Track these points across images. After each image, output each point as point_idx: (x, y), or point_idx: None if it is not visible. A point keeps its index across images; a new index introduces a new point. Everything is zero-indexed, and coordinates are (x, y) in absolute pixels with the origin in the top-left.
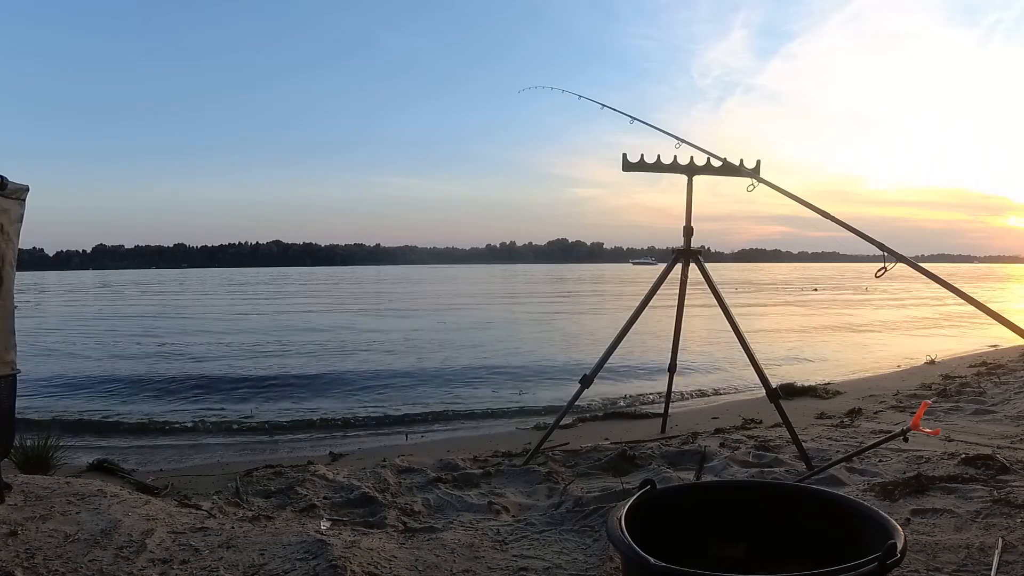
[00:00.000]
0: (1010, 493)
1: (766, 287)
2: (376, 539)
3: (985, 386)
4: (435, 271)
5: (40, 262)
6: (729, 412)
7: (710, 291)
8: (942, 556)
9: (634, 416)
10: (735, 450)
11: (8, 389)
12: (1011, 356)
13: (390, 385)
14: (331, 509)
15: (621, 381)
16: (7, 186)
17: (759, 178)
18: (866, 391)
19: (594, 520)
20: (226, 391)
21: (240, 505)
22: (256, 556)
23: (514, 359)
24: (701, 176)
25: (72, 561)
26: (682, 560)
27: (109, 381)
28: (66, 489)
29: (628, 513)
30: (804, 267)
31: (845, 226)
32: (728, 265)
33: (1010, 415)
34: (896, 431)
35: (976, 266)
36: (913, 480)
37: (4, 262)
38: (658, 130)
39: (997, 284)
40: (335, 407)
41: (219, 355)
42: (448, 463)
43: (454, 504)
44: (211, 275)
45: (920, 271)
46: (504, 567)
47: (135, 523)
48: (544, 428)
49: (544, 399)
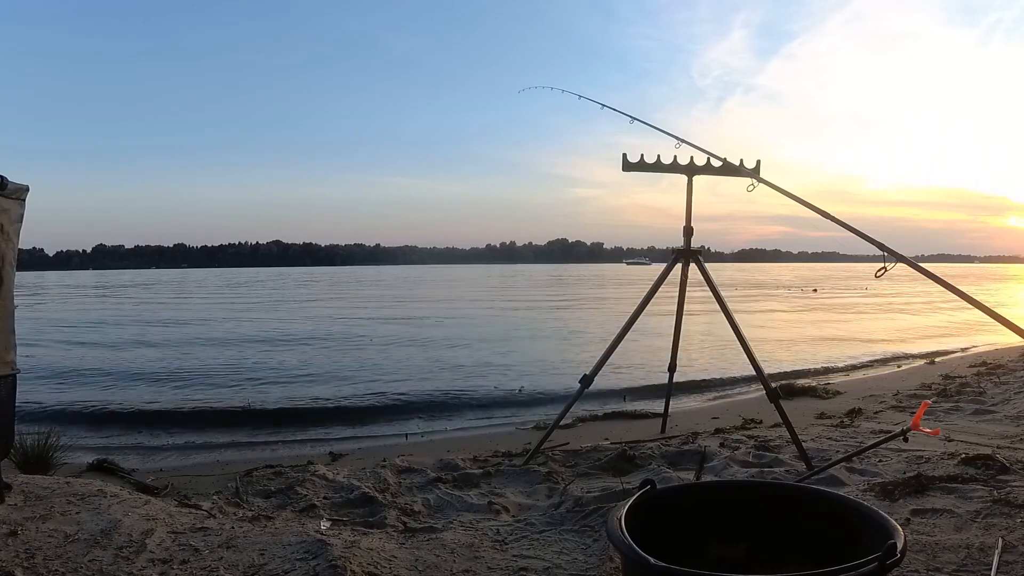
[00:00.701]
0: (1010, 493)
1: (766, 287)
2: (376, 539)
3: (985, 386)
4: (435, 271)
5: (40, 262)
6: (729, 412)
7: (710, 291)
8: (942, 556)
9: (634, 416)
10: (735, 450)
11: (8, 389)
12: (1011, 356)
13: (390, 385)
14: (331, 509)
15: (621, 381)
16: (7, 186)
17: (759, 178)
18: (866, 391)
19: (594, 520)
20: (226, 391)
21: (240, 505)
22: (256, 556)
23: (514, 359)
24: (701, 176)
25: (72, 561)
26: (682, 560)
27: (110, 381)
28: (66, 489)
29: (628, 513)
30: (804, 267)
31: (845, 226)
32: (728, 265)
33: (1010, 415)
34: (896, 431)
35: (980, 266)
36: (913, 480)
37: (4, 262)
38: (658, 130)
39: (1000, 284)
40: (334, 407)
41: (219, 354)
42: (448, 463)
43: (454, 504)
44: (211, 275)
45: (920, 271)
46: (504, 567)
47: (135, 523)
48: (544, 428)
49: (544, 399)
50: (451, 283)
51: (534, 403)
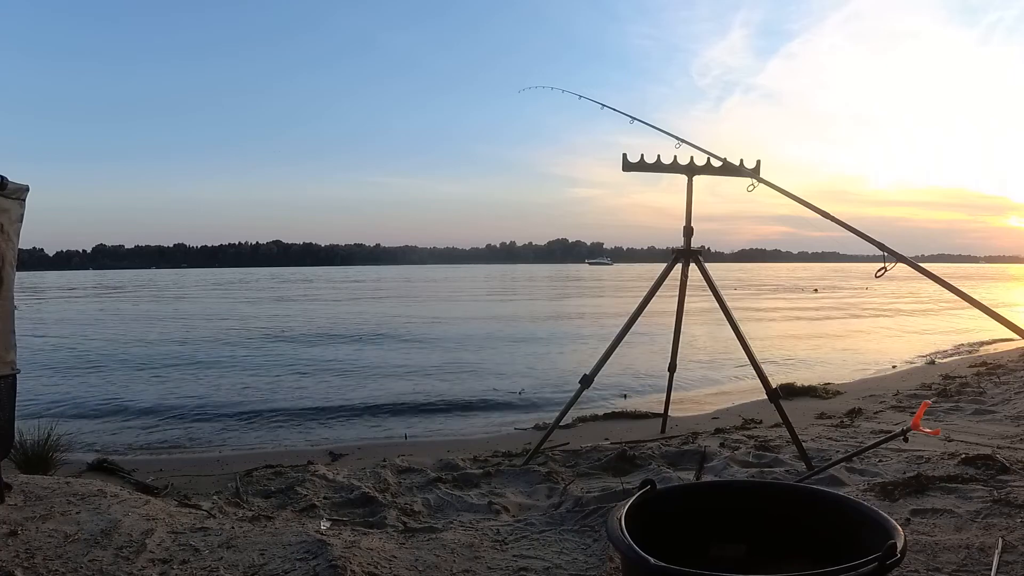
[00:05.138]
0: (1010, 493)
1: (766, 287)
2: (376, 539)
3: (985, 386)
4: (434, 271)
5: (40, 262)
6: (729, 412)
7: (710, 291)
8: (942, 556)
9: (634, 416)
10: (735, 450)
11: (8, 389)
12: (1011, 356)
13: (390, 384)
14: (331, 509)
15: (621, 381)
16: (7, 186)
17: (759, 178)
18: (866, 391)
19: (594, 520)
20: (226, 391)
21: (240, 505)
22: (256, 556)
23: (513, 358)
24: (701, 176)
25: (72, 561)
26: (682, 560)
27: (110, 381)
28: (66, 489)
29: (628, 513)
30: (804, 267)
31: (845, 226)
32: (728, 265)
33: (1010, 415)
34: (896, 431)
35: (983, 266)
36: (913, 480)
37: (4, 262)
38: (658, 130)
39: (1002, 284)
40: (335, 406)
41: (219, 354)
42: (448, 463)
43: (454, 504)
44: (211, 275)
45: (920, 271)
46: (504, 567)
47: (135, 523)
48: (544, 428)
49: (544, 399)
50: (452, 283)
51: (534, 403)
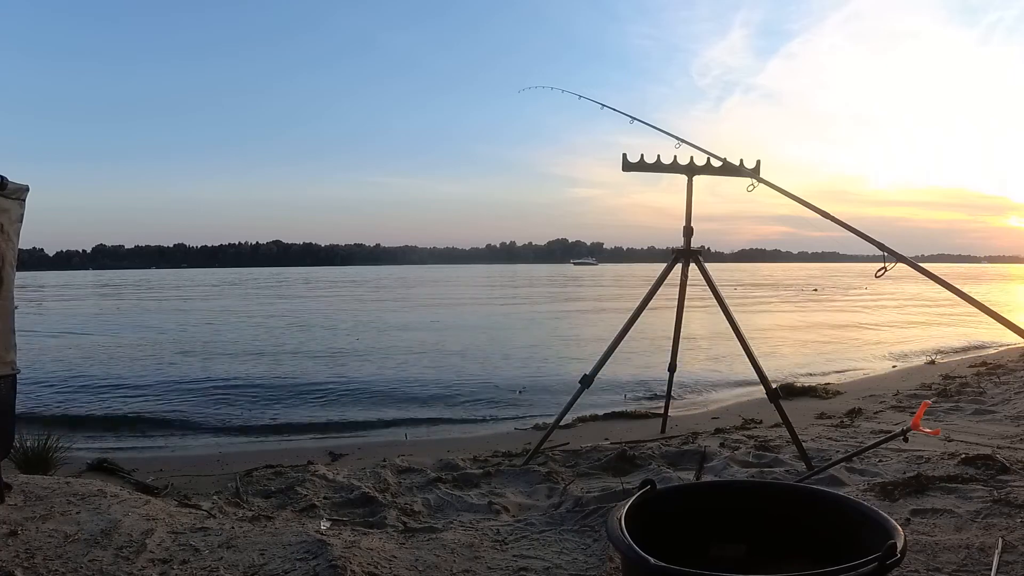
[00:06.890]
0: (1010, 493)
1: (766, 287)
2: (376, 539)
3: (985, 386)
4: (434, 271)
5: (40, 262)
6: (729, 412)
7: (710, 291)
8: (942, 556)
9: (634, 416)
10: (735, 450)
11: (8, 389)
12: (1011, 356)
13: (389, 384)
14: (331, 509)
15: (621, 381)
16: (7, 186)
17: (759, 178)
18: (866, 391)
19: (594, 520)
20: (226, 390)
21: (240, 505)
22: (256, 556)
23: (512, 359)
24: (701, 176)
25: (72, 561)
26: (682, 560)
27: (110, 381)
28: (66, 489)
29: (628, 513)
30: (804, 267)
31: (845, 226)
32: (728, 265)
33: (1010, 415)
34: (896, 431)
35: (985, 266)
36: (913, 480)
37: (4, 262)
38: (658, 130)
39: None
40: (335, 405)
41: (219, 355)
42: (448, 463)
43: (454, 504)
44: (211, 275)
45: (920, 271)
46: (504, 567)
47: (135, 523)
48: (544, 428)
49: (544, 399)
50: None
51: (534, 403)
